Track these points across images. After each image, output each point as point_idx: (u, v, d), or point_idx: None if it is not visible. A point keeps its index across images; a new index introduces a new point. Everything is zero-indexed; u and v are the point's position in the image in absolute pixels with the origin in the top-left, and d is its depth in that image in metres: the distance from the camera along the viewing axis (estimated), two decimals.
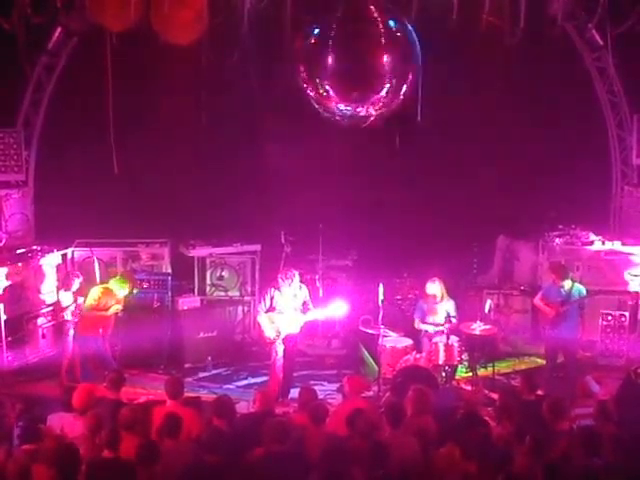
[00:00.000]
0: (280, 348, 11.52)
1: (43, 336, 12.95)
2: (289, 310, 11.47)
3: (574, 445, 7.45)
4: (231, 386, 12.40)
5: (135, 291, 12.12)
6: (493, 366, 12.00)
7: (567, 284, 11.61)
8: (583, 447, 7.36)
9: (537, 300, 12.04)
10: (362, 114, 11.05)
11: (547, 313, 11.77)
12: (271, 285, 11.66)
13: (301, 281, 11.76)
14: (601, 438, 7.44)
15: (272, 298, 11.48)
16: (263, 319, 11.51)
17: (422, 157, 13.49)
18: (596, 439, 7.41)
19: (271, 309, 11.49)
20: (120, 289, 11.79)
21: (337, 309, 11.66)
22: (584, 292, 11.75)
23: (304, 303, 11.58)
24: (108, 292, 11.73)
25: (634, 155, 13.84)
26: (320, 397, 9.84)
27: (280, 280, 11.44)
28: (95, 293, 11.71)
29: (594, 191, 13.84)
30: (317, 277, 13.93)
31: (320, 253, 14.00)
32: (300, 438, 7.78)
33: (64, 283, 12.41)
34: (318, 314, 11.70)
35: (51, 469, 7.00)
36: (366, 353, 12.42)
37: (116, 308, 11.77)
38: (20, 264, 12.62)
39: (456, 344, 11.75)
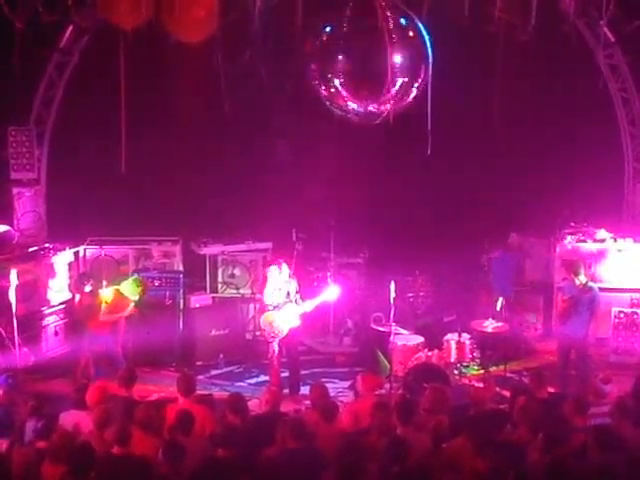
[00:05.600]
0: (275, 344, 11.62)
1: (56, 334, 12.99)
2: (284, 304, 11.51)
3: (589, 442, 7.41)
4: (243, 384, 12.41)
5: (146, 293, 12.16)
6: (505, 364, 11.98)
7: (581, 279, 11.48)
8: (598, 444, 7.32)
9: (559, 297, 11.95)
10: (373, 111, 11.05)
11: (559, 309, 11.73)
12: (264, 283, 11.78)
13: (295, 274, 11.82)
14: (617, 435, 7.41)
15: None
16: (263, 320, 11.60)
17: (434, 155, 13.45)
18: (612, 436, 7.37)
19: (276, 307, 11.55)
20: (131, 291, 11.82)
21: (329, 293, 11.76)
22: (595, 288, 11.69)
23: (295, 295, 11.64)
24: (120, 294, 11.76)
25: None
26: (332, 395, 9.84)
27: (269, 268, 11.60)
28: (107, 295, 11.72)
29: (606, 188, 13.81)
30: (329, 275, 13.95)
31: (332, 251, 14.01)
32: (313, 435, 7.78)
33: (76, 286, 12.44)
34: (313, 302, 11.70)
35: (63, 466, 7.02)
36: (378, 351, 12.41)
37: (127, 310, 11.79)
38: (32, 262, 12.67)
39: (468, 342, 11.76)
